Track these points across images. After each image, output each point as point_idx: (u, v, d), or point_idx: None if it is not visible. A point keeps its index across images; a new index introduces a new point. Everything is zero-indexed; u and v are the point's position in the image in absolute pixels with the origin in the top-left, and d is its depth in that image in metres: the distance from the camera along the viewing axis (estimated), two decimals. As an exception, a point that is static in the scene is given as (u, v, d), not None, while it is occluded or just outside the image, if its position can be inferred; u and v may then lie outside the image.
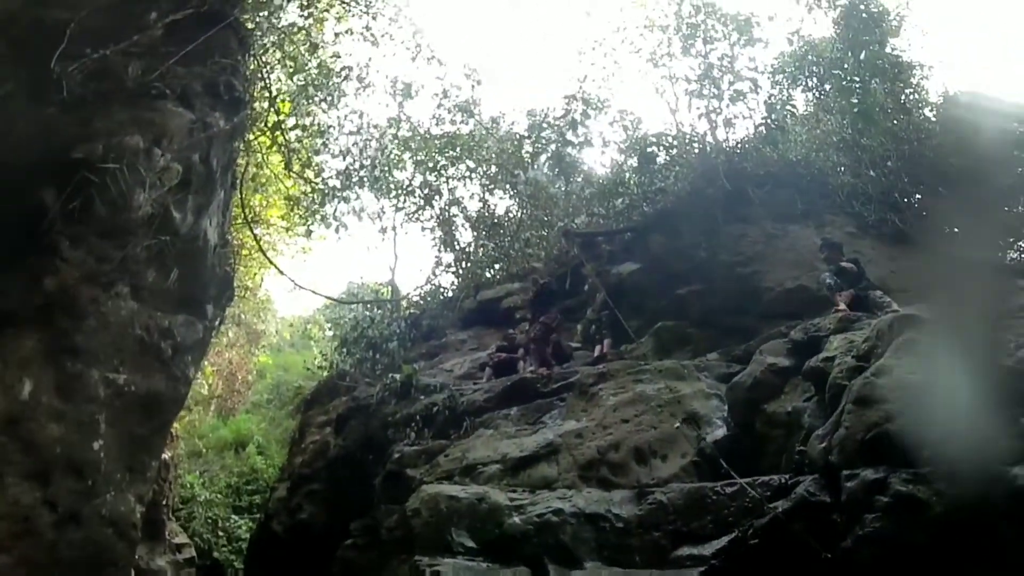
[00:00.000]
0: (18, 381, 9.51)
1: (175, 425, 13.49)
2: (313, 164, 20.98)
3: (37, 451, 9.59)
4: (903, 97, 17.06)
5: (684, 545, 7.95)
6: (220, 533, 26.09)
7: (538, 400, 11.55)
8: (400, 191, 23.22)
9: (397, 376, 13.89)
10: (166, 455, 15.35)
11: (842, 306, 10.41)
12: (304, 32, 17.65)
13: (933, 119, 16.62)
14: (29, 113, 10.28)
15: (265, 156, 18.46)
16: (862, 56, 17.06)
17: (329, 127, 21.28)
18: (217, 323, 13.55)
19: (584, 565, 8.36)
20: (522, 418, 11.28)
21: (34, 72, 10.31)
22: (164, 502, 20.49)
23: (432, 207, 23.50)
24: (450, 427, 11.90)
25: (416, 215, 23.63)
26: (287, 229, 22.17)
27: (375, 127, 22.73)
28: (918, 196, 15.09)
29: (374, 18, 18.82)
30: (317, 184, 21.13)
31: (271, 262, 19.81)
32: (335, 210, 21.68)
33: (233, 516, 26.65)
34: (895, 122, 15.99)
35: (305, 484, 14.40)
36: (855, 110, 16.00)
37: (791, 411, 8.86)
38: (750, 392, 9.47)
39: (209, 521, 26.16)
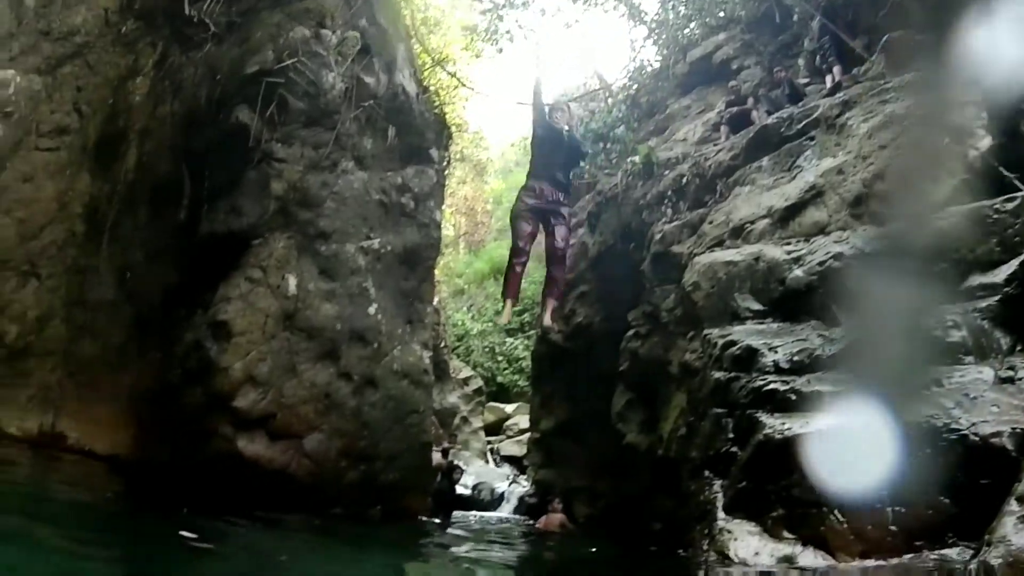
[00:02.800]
0: (282, 280, 10.05)
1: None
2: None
3: (320, 333, 10.17)
4: None
5: (973, 274, 7.19)
6: (499, 358, 27.02)
7: (786, 145, 10.82)
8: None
9: (635, 159, 13.51)
10: (435, 300, 15.82)
11: None
12: None
13: None
14: (188, 61, 10.74)
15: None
16: None
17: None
18: (445, 164, 13.67)
19: (873, 308, 7.92)
20: (775, 167, 10.60)
21: (174, 27, 10.72)
22: (443, 344, 21.42)
23: (605, -15, 22.43)
24: (703, 194, 11.48)
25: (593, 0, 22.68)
26: (475, 56, 21.90)
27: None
28: None
29: None
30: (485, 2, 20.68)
31: (473, 89, 19.75)
32: (516, 21, 21.12)
33: (507, 339, 27.47)
34: None
35: (573, 289, 14.47)
36: None
37: (1061, 106, 7.55)
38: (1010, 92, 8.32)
39: (486, 350, 27.14)
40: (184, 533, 5.95)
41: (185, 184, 10.41)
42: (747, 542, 7.11)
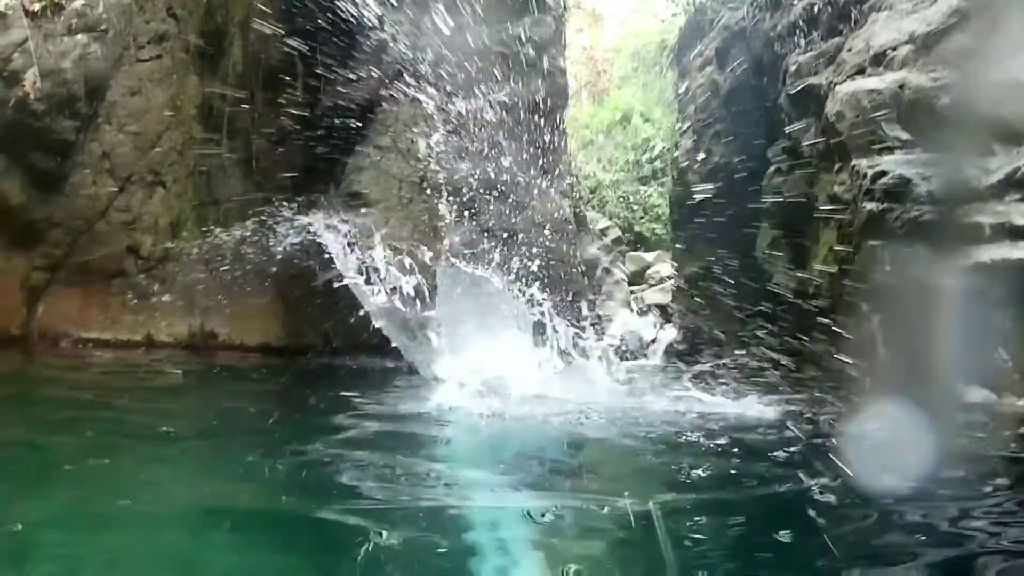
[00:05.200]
0: (411, 143, 10.09)
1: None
2: None
3: (456, 192, 10.19)
4: None
5: None
6: (634, 208, 26.74)
7: (929, -37, 10.15)
8: None
9: (761, -13, 12.89)
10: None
11: None
12: None
13: None
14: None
15: None
16: None
17: None
18: (562, 9, 13.33)
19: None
20: (917, -11, 10.03)
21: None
22: (578, 195, 21.32)
23: None
24: (838, 22, 10.86)
25: None
26: None
27: None
28: None
29: None
30: None
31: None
32: None
33: (641, 188, 27.11)
34: None
35: (706, 129, 14.10)
36: None
37: None
38: None
39: (621, 200, 26.86)
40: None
41: (297, 65, 10.46)
42: (910, 375, 7.02)
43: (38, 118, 8.54)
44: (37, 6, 8.47)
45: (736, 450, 5.01)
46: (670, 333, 17.74)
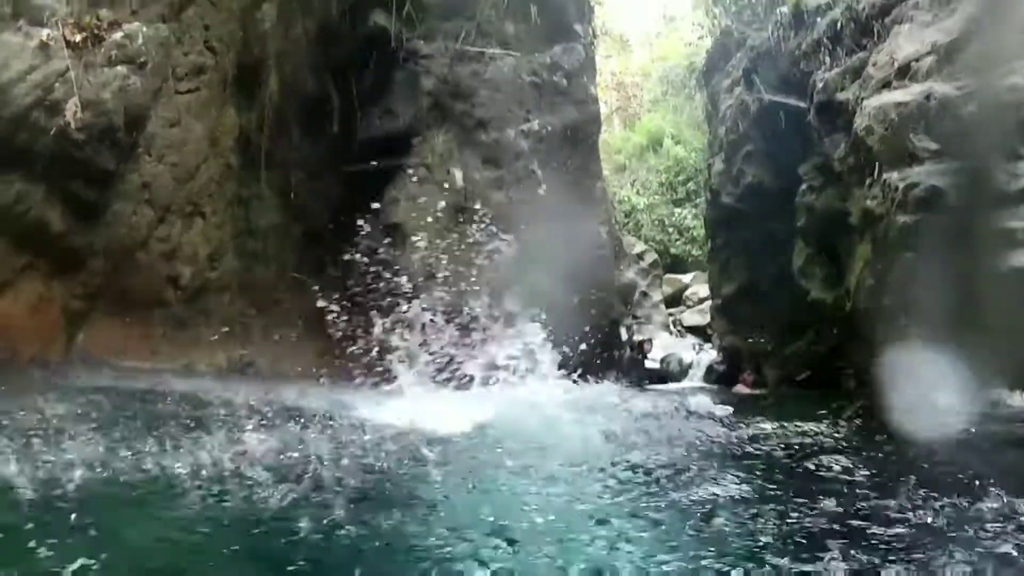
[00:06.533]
0: (447, 174, 10.28)
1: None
2: None
3: (498, 221, 10.23)
4: None
5: None
6: (670, 230, 26.78)
7: (942, -20, 10.15)
8: None
9: (783, 9, 12.90)
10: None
11: None
12: None
13: None
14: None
15: None
16: None
17: None
18: (591, 37, 13.45)
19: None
20: (933, 2, 9.98)
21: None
22: (613, 220, 21.40)
23: None
24: (861, 37, 10.88)
25: None
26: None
27: None
28: None
29: None
30: None
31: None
32: None
33: (675, 210, 27.15)
34: None
35: (738, 149, 14.09)
36: None
37: None
38: None
39: (656, 223, 26.89)
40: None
41: (332, 97, 10.62)
42: (938, 386, 7.00)
43: (79, 148, 8.66)
44: (78, 37, 8.62)
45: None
46: (710, 355, 17.70)
